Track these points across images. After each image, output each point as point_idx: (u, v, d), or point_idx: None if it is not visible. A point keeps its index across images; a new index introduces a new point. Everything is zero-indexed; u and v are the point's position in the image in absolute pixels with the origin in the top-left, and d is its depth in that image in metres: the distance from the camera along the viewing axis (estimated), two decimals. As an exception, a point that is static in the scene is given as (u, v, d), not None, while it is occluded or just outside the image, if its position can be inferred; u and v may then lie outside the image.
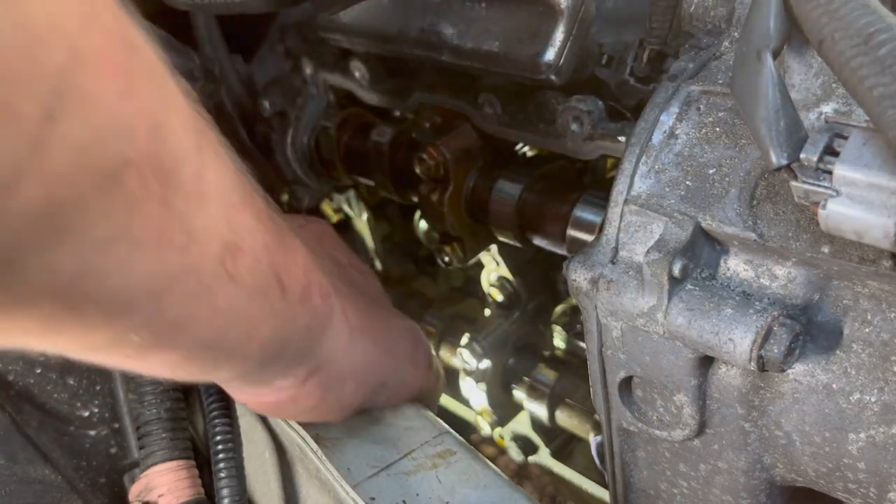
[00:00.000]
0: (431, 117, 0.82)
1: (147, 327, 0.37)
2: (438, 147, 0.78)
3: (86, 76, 0.28)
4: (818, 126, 0.40)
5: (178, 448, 0.63)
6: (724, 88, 0.48)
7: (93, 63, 0.28)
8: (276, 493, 0.63)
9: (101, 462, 0.69)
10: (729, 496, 0.52)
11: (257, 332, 0.44)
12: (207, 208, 0.37)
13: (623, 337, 0.49)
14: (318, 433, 0.63)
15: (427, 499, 0.59)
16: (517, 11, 0.66)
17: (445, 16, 0.71)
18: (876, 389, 0.42)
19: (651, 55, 0.60)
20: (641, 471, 0.57)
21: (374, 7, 0.77)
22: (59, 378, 0.68)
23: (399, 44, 0.75)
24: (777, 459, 0.49)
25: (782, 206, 0.44)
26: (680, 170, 0.48)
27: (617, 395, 0.53)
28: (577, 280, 0.50)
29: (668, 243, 0.46)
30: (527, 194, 0.77)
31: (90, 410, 0.70)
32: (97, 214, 0.30)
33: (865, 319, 0.43)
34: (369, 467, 0.61)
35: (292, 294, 0.45)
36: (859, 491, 0.45)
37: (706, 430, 0.50)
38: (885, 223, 0.35)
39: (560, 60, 0.63)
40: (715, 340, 0.44)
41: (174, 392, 0.65)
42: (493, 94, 0.74)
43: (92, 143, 0.28)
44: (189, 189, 0.35)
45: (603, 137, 0.65)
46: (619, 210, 0.49)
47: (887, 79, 0.32)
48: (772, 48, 0.38)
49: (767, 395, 0.46)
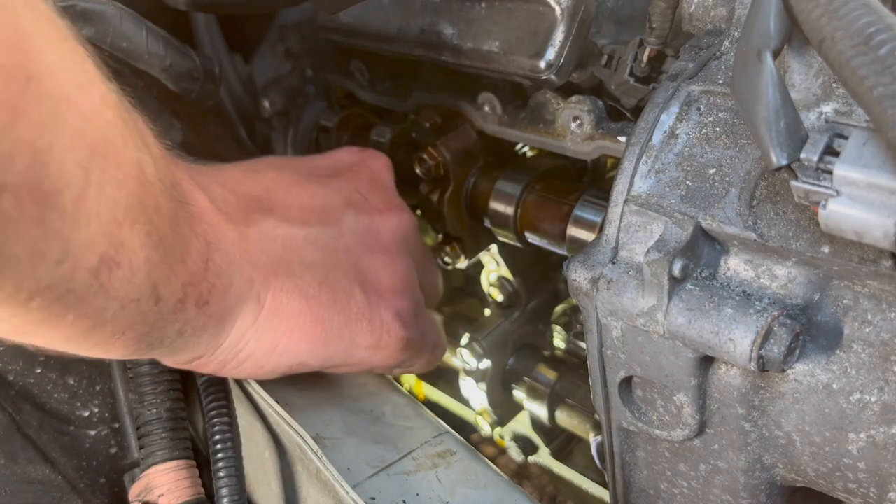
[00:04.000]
0: (431, 117, 0.82)
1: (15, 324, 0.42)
2: (438, 147, 0.78)
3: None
4: (818, 126, 0.40)
5: (179, 448, 0.63)
6: (724, 88, 0.48)
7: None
8: (276, 493, 0.63)
9: (101, 462, 0.69)
10: (729, 496, 0.52)
11: (125, 335, 0.48)
12: (87, 226, 0.40)
13: (623, 337, 0.49)
14: (319, 433, 0.63)
15: (427, 499, 0.59)
16: (517, 11, 0.66)
17: (445, 16, 0.71)
18: (876, 389, 0.42)
19: (651, 55, 0.60)
20: (641, 471, 0.57)
21: (374, 7, 0.77)
22: (59, 378, 0.68)
23: (399, 44, 0.75)
24: (777, 459, 0.49)
25: (782, 206, 0.44)
26: (680, 170, 0.48)
27: (617, 395, 0.53)
28: (577, 280, 0.50)
29: (668, 243, 0.46)
30: (527, 194, 0.77)
31: (90, 410, 0.70)
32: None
33: (865, 319, 0.43)
34: (369, 467, 0.61)
35: (166, 304, 0.48)
36: (859, 491, 0.45)
37: (706, 430, 0.50)
38: (885, 223, 0.35)
39: (560, 60, 0.63)
40: (715, 340, 0.44)
41: (174, 392, 0.65)
42: (493, 94, 0.74)
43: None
44: (68, 209, 0.38)
45: (603, 137, 0.65)
46: (619, 210, 0.49)
47: (887, 79, 0.32)
48: (772, 48, 0.38)
49: (767, 395, 0.47)
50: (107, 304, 0.44)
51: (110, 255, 0.42)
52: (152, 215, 0.45)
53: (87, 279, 0.41)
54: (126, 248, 0.43)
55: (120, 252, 0.43)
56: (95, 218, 0.40)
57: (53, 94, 0.36)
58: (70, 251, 0.39)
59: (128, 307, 0.45)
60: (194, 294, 0.51)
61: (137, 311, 0.46)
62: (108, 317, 0.45)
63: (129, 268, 0.44)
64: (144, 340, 0.50)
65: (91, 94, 0.40)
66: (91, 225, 0.40)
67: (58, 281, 0.40)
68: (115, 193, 0.42)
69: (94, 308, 0.43)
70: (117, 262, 0.43)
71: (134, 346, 0.50)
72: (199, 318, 0.53)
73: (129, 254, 0.44)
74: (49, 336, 0.44)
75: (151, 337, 0.50)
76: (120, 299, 0.44)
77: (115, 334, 0.47)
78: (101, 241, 0.41)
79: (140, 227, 0.44)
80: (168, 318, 0.50)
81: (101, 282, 0.42)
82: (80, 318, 0.43)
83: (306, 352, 0.61)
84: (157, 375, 0.64)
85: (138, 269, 0.45)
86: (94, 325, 0.45)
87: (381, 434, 0.66)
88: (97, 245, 0.41)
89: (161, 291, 0.48)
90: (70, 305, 0.42)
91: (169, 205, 0.48)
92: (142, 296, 0.46)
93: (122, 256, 0.43)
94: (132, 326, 0.47)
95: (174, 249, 0.48)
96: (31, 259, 0.37)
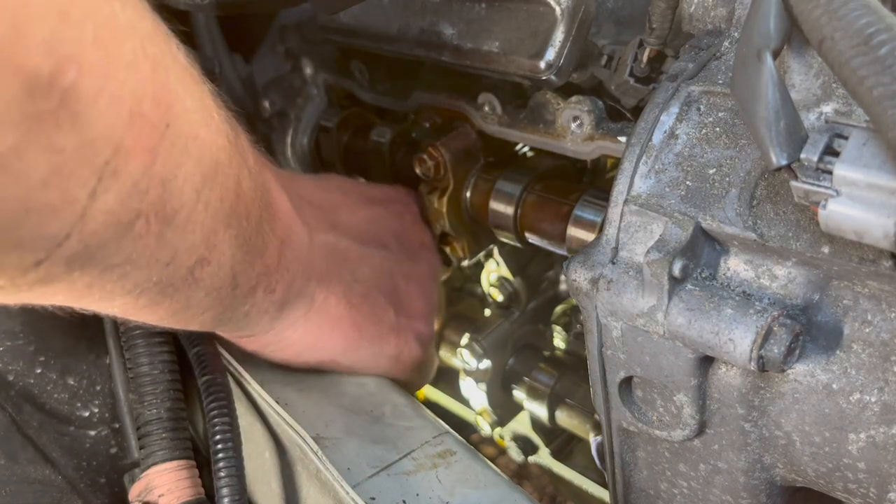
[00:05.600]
0: (431, 117, 0.82)
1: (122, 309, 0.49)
2: (438, 147, 0.78)
3: (121, 162, 0.37)
4: (818, 126, 0.40)
5: (179, 448, 0.63)
6: (724, 88, 0.48)
7: (127, 151, 0.37)
8: (276, 493, 0.63)
9: (101, 462, 0.69)
10: (729, 496, 0.52)
11: (204, 314, 0.55)
12: (192, 236, 0.46)
13: (623, 337, 0.49)
14: (319, 433, 0.63)
15: (427, 499, 0.59)
16: (517, 11, 0.67)
17: (445, 16, 0.71)
18: (876, 389, 0.42)
19: (651, 55, 0.60)
20: (641, 471, 0.57)
21: (374, 7, 0.77)
22: (60, 378, 0.68)
23: (399, 44, 0.75)
24: (777, 459, 0.49)
25: (782, 206, 0.44)
26: (680, 170, 0.48)
27: (617, 395, 0.53)
28: (577, 280, 0.50)
29: (668, 243, 0.46)
30: (527, 194, 0.77)
31: (90, 410, 0.70)
32: (112, 250, 0.41)
33: (865, 319, 0.43)
34: (369, 467, 0.61)
35: (241, 289, 0.55)
36: (859, 491, 0.45)
37: (706, 430, 0.50)
38: (885, 223, 0.35)
39: (560, 60, 0.63)
40: (715, 340, 0.44)
41: (174, 392, 0.64)
42: (493, 94, 0.74)
43: (117, 205, 0.38)
44: (180, 224, 0.44)
45: (603, 137, 0.65)
46: (619, 210, 0.49)
47: (887, 79, 0.32)
48: (772, 48, 0.38)
49: (767, 395, 0.47)
50: (195, 293, 0.50)
51: (205, 256, 0.49)
52: (242, 220, 0.52)
53: (185, 275, 0.48)
54: (217, 250, 0.50)
55: (213, 253, 0.49)
56: (199, 227, 0.47)
57: (184, 134, 0.42)
58: (176, 256, 0.46)
59: (211, 294, 0.52)
60: (265, 282, 0.58)
61: (218, 297, 0.53)
62: (194, 302, 0.51)
63: (218, 264, 0.50)
64: (217, 319, 0.57)
65: (210, 128, 0.46)
66: (196, 233, 0.46)
67: (164, 279, 0.46)
68: (217, 206, 0.48)
69: (185, 296, 0.50)
70: (209, 260, 0.49)
71: (210, 323, 0.57)
72: (264, 302, 0.59)
73: (219, 254, 0.50)
74: (145, 317, 0.51)
75: (224, 316, 0.57)
76: (206, 289, 0.51)
77: (196, 315, 0.54)
78: (201, 245, 0.48)
79: (231, 231, 0.50)
80: (240, 301, 0.56)
81: (194, 276, 0.49)
82: (174, 303, 0.50)
83: (341, 351, 0.70)
84: (157, 375, 0.64)
85: (225, 264, 0.51)
86: (182, 308, 0.51)
87: (381, 434, 0.66)
88: (197, 249, 0.48)
89: (239, 280, 0.54)
90: (167, 295, 0.48)
91: (256, 210, 0.54)
92: (224, 285, 0.52)
93: (214, 256, 0.49)
94: (211, 308, 0.54)
95: (255, 247, 0.55)
96: (148, 264, 0.44)
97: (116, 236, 0.40)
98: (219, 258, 0.50)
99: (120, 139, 0.37)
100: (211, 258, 0.49)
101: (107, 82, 0.35)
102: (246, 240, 0.53)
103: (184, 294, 0.50)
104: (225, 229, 0.50)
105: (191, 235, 0.46)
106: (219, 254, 0.50)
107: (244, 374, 0.67)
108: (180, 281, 0.48)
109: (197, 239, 0.47)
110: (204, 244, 0.48)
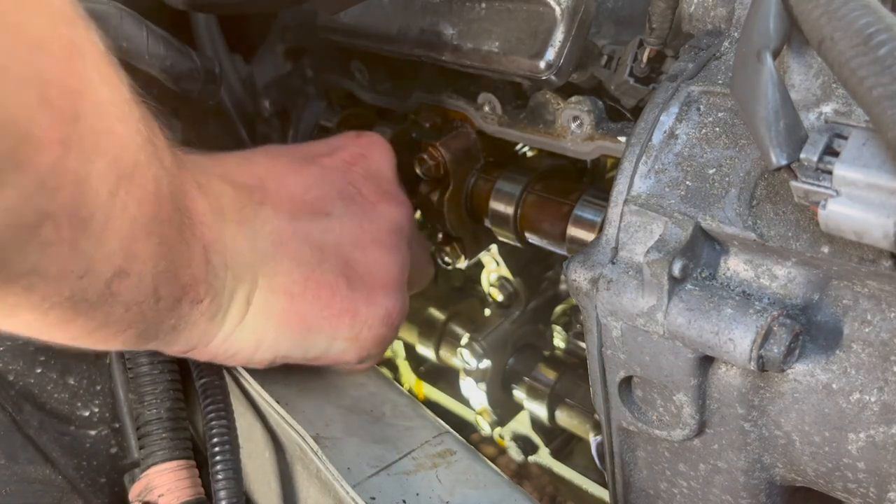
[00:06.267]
0: (431, 117, 0.82)
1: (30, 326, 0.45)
2: (438, 147, 0.78)
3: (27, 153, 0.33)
4: (818, 126, 0.40)
5: (179, 448, 0.63)
6: (724, 88, 0.48)
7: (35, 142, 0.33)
8: (276, 493, 0.63)
9: (101, 462, 0.69)
10: (729, 496, 0.52)
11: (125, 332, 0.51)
12: (108, 244, 0.42)
13: (623, 337, 0.49)
14: (319, 433, 0.63)
15: (427, 499, 0.59)
16: (517, 12, 0.67)
17: (445, 16, 0.71)
18: (876, 389, 0.42)
19: (651, 55, 0.60)
20: (641, 471, 0.57)
21: (374, 7, 0.77)
22: (60, 378, 0.68)
23: (399, 44, 0.75)
24: (777, 459, 0.49)
25: (782, 206, 0.44)
26: (680, 170, 0.48)
27: (617, 395, 0.53)
28: (577, 280, 0.50)
29: (668, 243, 0.46)
30: (527, 194, 0.77)
31: (90, 410, 0.70)
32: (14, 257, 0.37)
33: (865, 319, 0.43)
34: (369, 467, 0.61)
35: (165, 302, 0.51)
36: (859, 491, 0.45)
37: (706, 430, 0.50)
38: (885, 223, 0.35)
39: (560, 60, 0.63)
40: (715, 340, 0.44)
41: (174, 392, 0.65)
42: (493, 95, 0.74)
43: (20, 204, 0.34)
44: (96, 230, 0.40)
45: (603, 137, 0.65)
46: (619, 210, 0.49)
47: (887, 79, 0.32)
48: (772, 48, 0.38)
49: (767, 395, 0.47)
50: (113, 309, 0.46)
51: (123, 268, 0.44)
52: (164, 227, 0.48)
53: (101, 289, 0.44)
54: (138, 260, 0.46)
55: (132, 264, 0.45)
56: (116, 235, 0.42)
57: (97, 128, 0.38)
58: (91, 267, 0.42)
59: (131, 309, 0.48)
60: (191, 293, 0.53)
61: (139, 312, 0.49)
62: (112, 319, 0.47)
63: (138, 276, 0.46)
64: (142, 336, 0.52)
65: (128, 123, 0.42)
66: (112, 242, 0.42)
67: (77, 293, 0.42)
68: (136, 211, 0.44)
69: (101, 312, 0.46)
70: (128, 272, 0.45)
71: (133, 341, 0.53)
72: (192, 314, 0.55)
73: (140, 264, 0.46)
74: (58, 335, 0.47)
75: (148, 332, 0.52)
76: (125, 304, 0.47)
77: (116, 332, 0.49)
78: (118, 255, 0.44)
79: (153, 240, 0.46)
80: (165, 315, 0.52)
81: (111, 290, 0.45)
82: (89, 321, 0.46)
83: (286, 347, 0.64)
84: (157, 375, 0.64)
85: (146, 275, 0.47)
86: (99, 326, 0.47)
87: (381, 434, 0.66)
88: (114, 259, 0.43)
89: (162, 292, 0.50)
90: (81, 311, 0.44)
91: (178, 214, 0.50)
92: (146, 299, 0.48)
93: (134, 267, 0.45)
94: (132, 325, 0.50)
95: (180, 255, 0.51)
96: (59, 275, 0.40)
97: (19, 241, 0.36)
98: (139, 269, 0.46)
99: (27, 127, 0.33)
100: (130, 269, 0.45)
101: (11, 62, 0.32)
102: (169, 248, 0.49)
103: (100, 310, 0.45)
104: (146, 237, 0.46)
105: (107, 244, 0.42)
106: (140, 264, 0.46)
107: (244, 374, 0.67)
108: (96, 295, 0.44)
109: (114, 248, 0.43)
110: (122, 254, 0.44)
